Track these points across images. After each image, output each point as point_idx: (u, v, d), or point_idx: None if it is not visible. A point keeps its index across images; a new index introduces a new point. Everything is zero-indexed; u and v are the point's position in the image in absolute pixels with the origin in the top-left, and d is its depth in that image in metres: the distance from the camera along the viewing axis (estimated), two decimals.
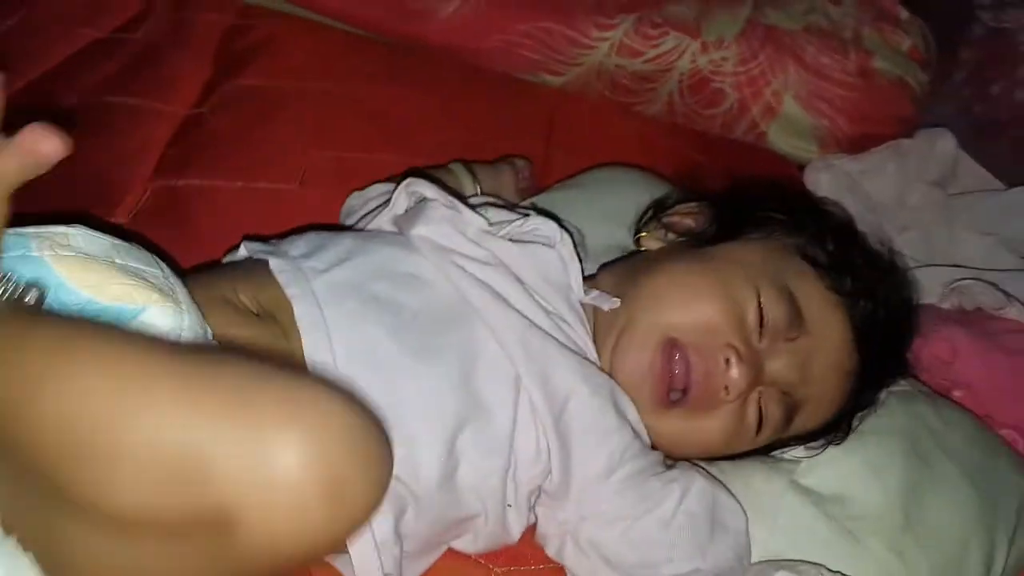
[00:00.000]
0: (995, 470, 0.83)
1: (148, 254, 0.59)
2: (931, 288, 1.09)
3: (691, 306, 0.72)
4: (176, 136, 1.04)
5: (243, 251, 0.74)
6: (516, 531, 0.69)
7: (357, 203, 0.90)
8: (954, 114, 1.57)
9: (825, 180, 1.30)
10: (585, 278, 0.75)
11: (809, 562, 0.71)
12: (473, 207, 0.77)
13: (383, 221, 0.78)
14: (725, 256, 0.76)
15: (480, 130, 1.20)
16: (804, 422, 0.75)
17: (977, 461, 0.84)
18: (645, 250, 0.84)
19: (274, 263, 0.68)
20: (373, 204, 0.86)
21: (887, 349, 0.79)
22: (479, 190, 0.95)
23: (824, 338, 0.73)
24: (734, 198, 0.84)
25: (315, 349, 0.62)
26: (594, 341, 0.73)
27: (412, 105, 1.19)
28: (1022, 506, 0.82)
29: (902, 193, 1.29)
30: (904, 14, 1.37)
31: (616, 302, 0.73)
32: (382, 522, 0.60)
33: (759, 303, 0.72)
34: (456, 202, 0.75)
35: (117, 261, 0.55)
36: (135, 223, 0.92)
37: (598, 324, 0.74)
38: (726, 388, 0.71)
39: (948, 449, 0.83)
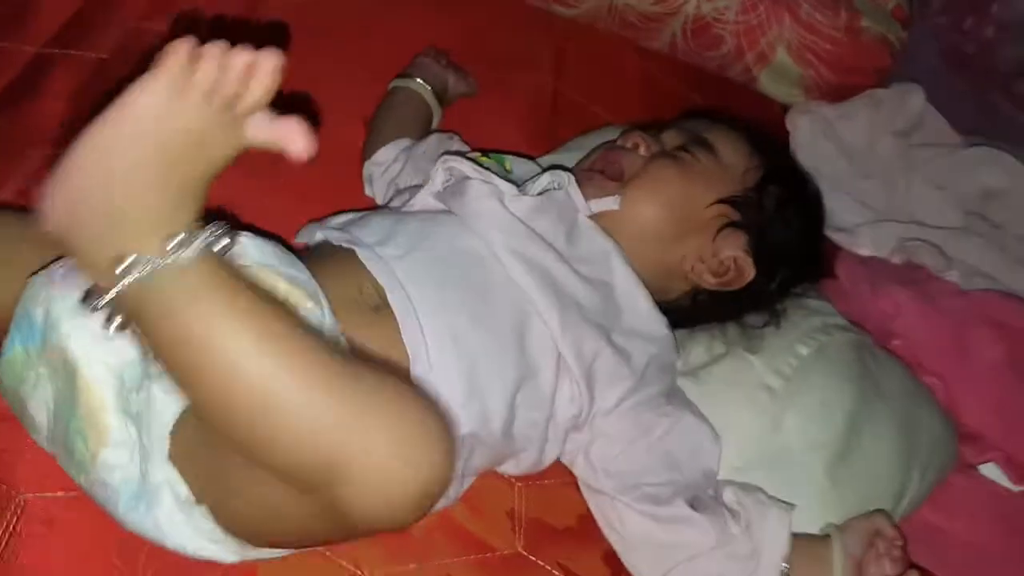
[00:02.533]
0: (918, 414, 1.02)
1: (296, 259, 0.71)
2: (884, 242, 1.26)
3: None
4: None
5: (320, 236, 0.85)
6: (550, 459, 0.86)
7: (374, 170, 1.03)
8: (925, 39, 1.70)
9: (804, 123, 1.44)
10: None
11: (754, 486, 0.89)
12: (505, 174, 0.90)
13: (426, 198, 0.90)
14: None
15: (494, 61, 1.30)
16: (729, 155, 0.93)
17: (905, 405, 1.02)
18: None
19: (360, 252, 0.79)
20: (394, 172, 1.00)
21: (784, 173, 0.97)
22: (429, 86, 1.11)
23: (716, 137, 0.94)
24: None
25: (408, 332, 0.75)
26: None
27: (429, 31, 1.27)
28: (934, 446, 1.01)
29: (871, 141, 1.43)
30: None
31: (617, 201, 0.89)
32: (459, 461, 0.76)
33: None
34: (491, 175, 0.87)
35: (281, 269, 0.68)
36: None
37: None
38: (635, 144, 0.93)
39: (884, 393, 1.01)
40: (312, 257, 0.80)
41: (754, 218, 0.92)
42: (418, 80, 1.10)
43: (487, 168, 0.90)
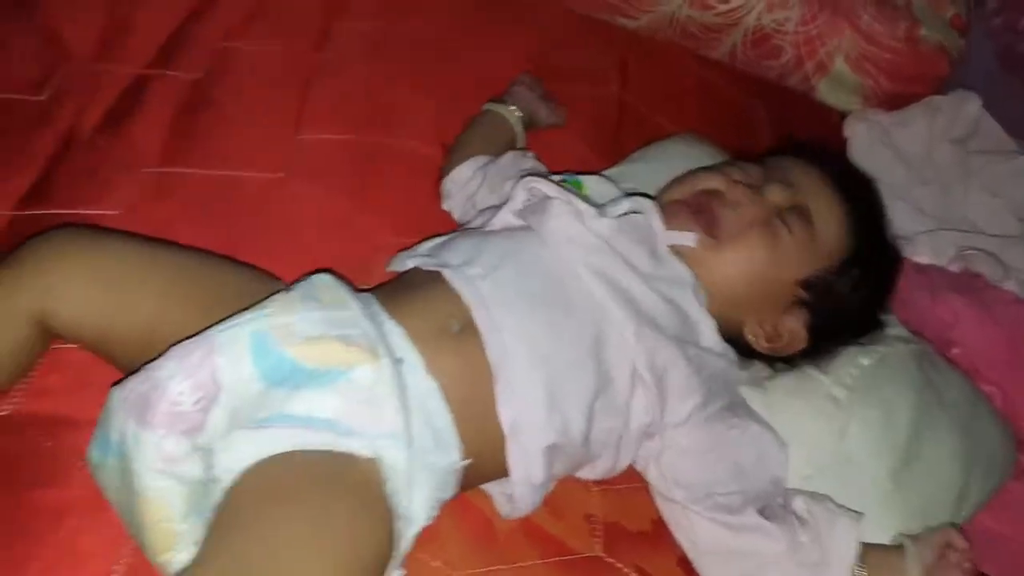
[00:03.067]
0: (979, 423, 1.05)
1: (360, 308, 0.76)
2: (943, 251, 1.29)
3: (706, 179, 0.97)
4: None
5: (410, 263, 0.90)
6: (624, 465, 0.90)
7: (453, 187, 1.08)
8: (981, 42, 1.72)
9: (862, 130, 1.47)
10: None
11: (823, 495, 0.93)
12: (584, 197, 0.94)
13: (507, 216, 0.94)
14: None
15: (560, 74, 1.35)
16: (824, 229, 0.95)
17: (966, 414, 1.05)
18: None
19: (447, 274, 0.84)
20: (472, 189, 1.05)
21: (873, 224, 1.00)
22: (519, 113, 1.16)
23: (809, 188, 0.96)
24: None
25: (493, 349, 0.80)
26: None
27: (500, 52, 1.32)
28: (993, 453, 1.05)
29: (929, 148, 1.46)
30: None
31: (695, 238, 0.92)
32: (540, 471, 0.81)
33: (753, 170, 0.97)
34: (572, 196, 0.92)
35: (333, 333, 0.73)
36: None
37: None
38: (737, 202, 0.93)
39: (944, 402, 1.04)
40: (392, 290, 0.86)
41: (825, 301, 0.95)
42: (510, 107, 1.15)
43: (568, 186, 0.94)
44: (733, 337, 0.95)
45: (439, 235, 0.97)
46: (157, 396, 0.67)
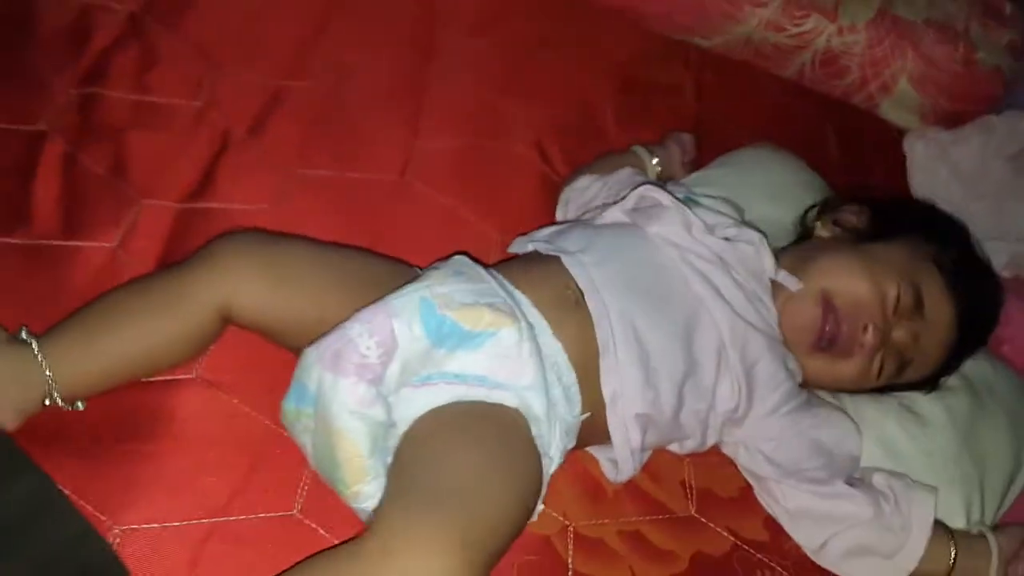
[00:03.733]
0: None
1: (494, 283, 0.89)
2: (995, 259, 1.38)
3: (850, 284, 1.02)
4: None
5: (530, 247, 1.02)
6: (709, 444, 1.02)
7: (572, 194, 1.19)
8: None
9: (920, 147, 1.58)
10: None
11: (899, 472, 1.04)
12: (692, 210, 1.05)
13: (617, 213, 1.05)
14: (879, 254, 1.04)
15: (640, 89, 1.47)
16: (910, 375, 1.06)
17: (1015, 405, 1.16)
18: (816, 237, 1.12)
19: (565, 260, 0.96)
20: (590, 196, 1.15)
21: (978, 335, 1.10)
22: (659, 167, 1.23)
23: (936, 323, 1.03)
24: (890, 208, 1.12)
25: (601, 330, 0.91)
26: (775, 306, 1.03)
27: (589, 63, 1.44)
28: None
29: (985, 164, 1.56)
30: (1009, 9, 1.60)
31: (800, 284, 1.02)
32: (636, 436, 0.93)
33: (898, 292, 1.01)
34: (685, 209, 1.02)
35: (482, 301, 0.85)
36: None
37: (779, 297, 1.03)
38: (861, 345, 1.02)
39: (996, 394, 1.15)
40: (516, 267, 0.98)
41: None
42: (655, 160, 1.23)
43: (682, 201, 1.05)
44: None
45: (555, 223, 1.08)
46: (349, 350, 0.80)
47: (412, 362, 0.82)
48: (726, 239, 1.03)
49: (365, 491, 0.81)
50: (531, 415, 0.85)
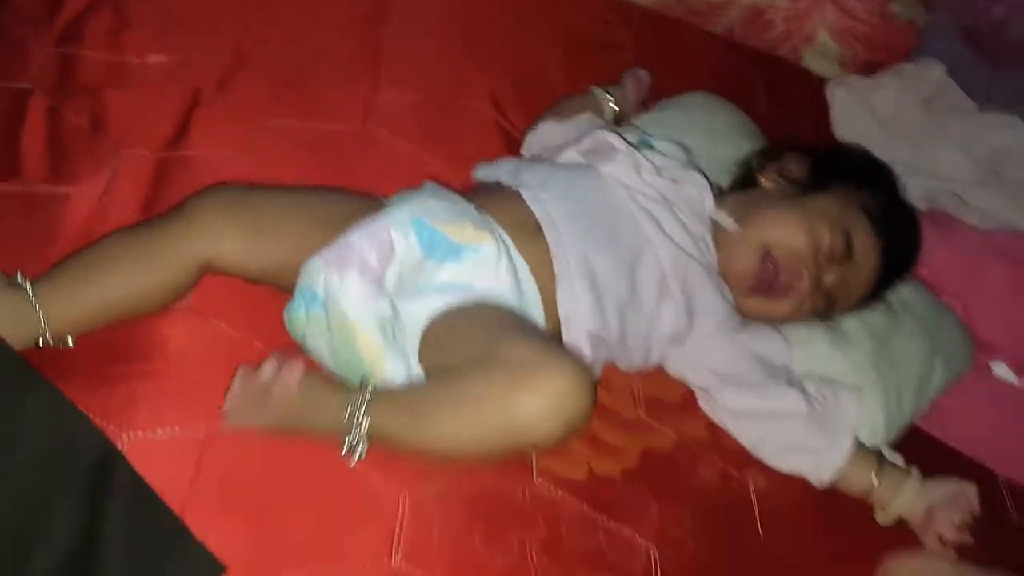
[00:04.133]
0: (941, 323, 1.29)
1: (469, 205, 0.98)
2: (912, 192, 1.51)
3: (790, 238, 1.12)
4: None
5: (494, 176, 1.12)
6: (652, 363, 1.13)
7: (535, 139, 1.28)
8: (945, 19, 1.93)
9: (841, 93, 1.70)
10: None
11: (827, 378, 1.15)
12: (642, 154, 1.15)
13: (572, 154, 1.15)
14: (817, 206, 1.14)
15: (583, 46, 1.57)
16: (837, 310, 1.17)
17: (928, 315, 1.29)
18: (761, 188, 1.22)
19: (525, 194, 1.05)
20: (550, 139, 1.25)
21: (899, 273, 1.21)
22: (615, 107, 1.33)
23: (863, 266, 1.14)
24: (827, 157, 1.23)
25: (558, 260, 1.01)
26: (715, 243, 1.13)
27: (536, 25, 1.54)
28: (955, 347, 1.28)
29: (901, 108, 1.69)
30: None
31: (735, 225, 1.13)
32: (588, 352, 1.02)
33: (831, 241, 1.11)
34: (634, 151, 1.13)
35: (465, 218, 0.95)
36: None
37: (719, 236, 1.14)
38: (795, 289, 1.12)
39: (912, 309, 1.28)
40: (484, 191, 1.09)
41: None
42: (611, 99, 1.34)
43: (633, 146, 1.15)
44: None
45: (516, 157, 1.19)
46: (351, 253, 0.90)
47: (407, 270, 0.92)
48: (673, 180, 1.13)
49: (386, 372, 0.90)
50: None
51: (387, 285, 0.91)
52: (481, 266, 0.95)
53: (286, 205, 1.01)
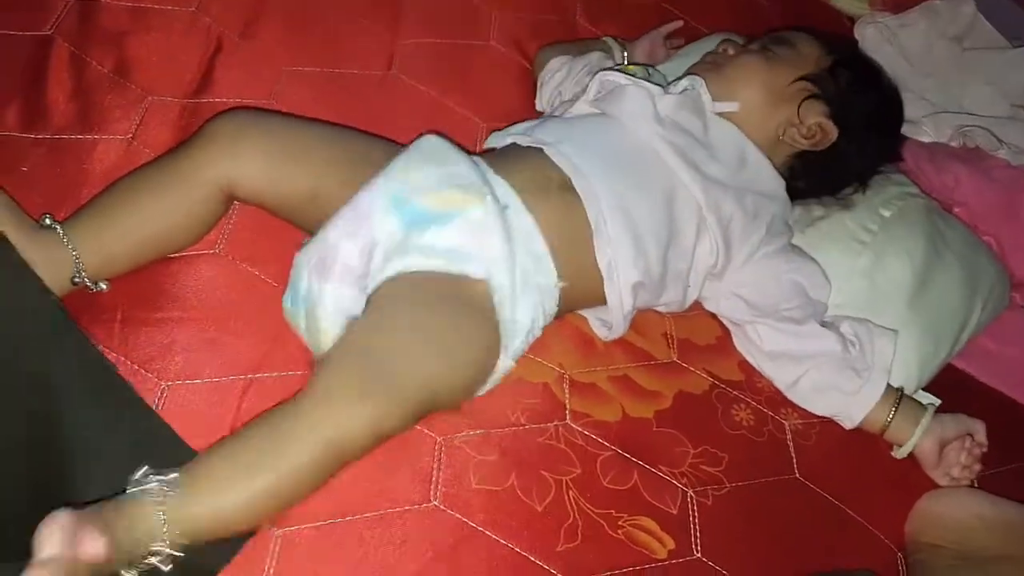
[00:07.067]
0: (978, 263, 1.26)
1: (468, 164, 0.96)
2: (943, 130, 1.49)
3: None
4: None
5: (508, 140, 1.09)
6: (690, 301, 1.12)
7: (546, 76, 1.28)
8: None
9: (870, 32, 1.67)
10: None
11: (863, 319, 1.14)
12: (650, 79, 1.14)
13: (583, 106, 1.13)
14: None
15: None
16: (804, 48, 1.14)
17: (968, 254, 1.26)
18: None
19: (547, 150, 1.03)
20: (560, 79, 1.25)
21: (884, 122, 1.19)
22: (626, 60, 1.31)
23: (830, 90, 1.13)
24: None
25: (592, 210, 1.00)
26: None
27: None
28: (991, 287, 1.26)
29: (930, 45, 1.66)
30: None
31: (736, 105, 1.11)
32: (629, 300, 1.02)
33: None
34: (641, 81, 1.11)
35: (448, 184, 0.93)
36: None
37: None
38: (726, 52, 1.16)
39: (951, 245, 1.25)
40: (496, 156, 1.06)
41: (830, 90, 1.13)
42: (623, 53, 1.33)
43: (636, 75, 1.14)
44: (785, 174, 1.15)
45: (527, 120, 1.16)
46: (332, 258, 0.89)
47: (393, 247, 0.91)
48: (679, 93, 1.11)
49: None
50: (495, 284, 0.93)
51: (374, 272, 0.91)
52: (468, 229, 0.93)
53: (308, 134, 1.01)
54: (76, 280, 0.90)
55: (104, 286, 0.92)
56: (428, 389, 0.86)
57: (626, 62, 1.31)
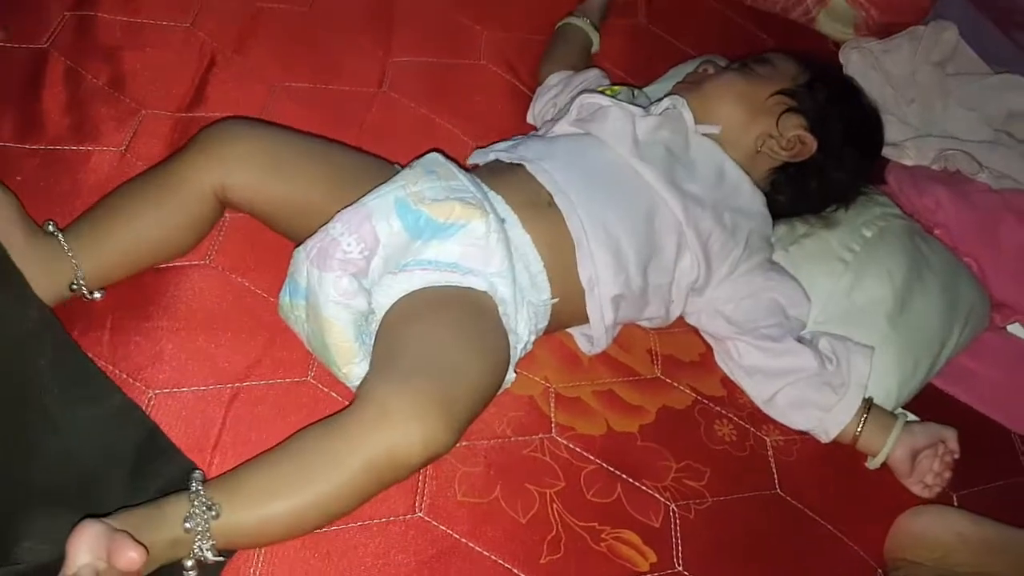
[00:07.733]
0: (958, 283, 1.28)
1: (470, 179, 0.98)
2: (926, 153, 1.52)
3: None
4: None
5: (492, 156, 1.11)
6: (675, 315, 1.14)
7: (541, 90, 1.31)
8: None
9: (855, 56, 1.69)
10: None
11: (841, 336, 1.15)
12: (631, 100, 1.16)
13: (565, 126, 1.15)
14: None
15: None
16: (781, 65, 1.18)
17: (948, 275, 1.28)
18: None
19: (529, 167, 1.05)
20: (555, 92, 1.28)
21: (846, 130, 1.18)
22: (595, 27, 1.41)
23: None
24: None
25: (573, 225, 1.01)
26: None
27: None
28: (971, 308, 1.28)
29: (912, 70, 1.68)
30: None
31: (717, 127, 1.14)
32: (610, 314, 1.04)
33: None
34: (622, 103, 1.13)
35: (453, 196, 0.94)
36: None
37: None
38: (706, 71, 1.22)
39: (931, 266, 1.27)
40: (486, 172, 1.08)
41: (808, 103, 1.16)
42: (580, 18, 1.41)
43: (618, 97, 1.16)
44: (766, 189, 1.17)
45: (508, 139, 1.18)
46: (332, 248, 0.89)
47: (394, 254, 0.92)
48: (661, 114, 1.13)
49: (355, 372, 0.92)
50: (499, 297, 0.95)
51: (373, 274, 0.91)
52: (470, 243, 0.94)
53: (300, 146, 1.02)
54: (74, 287, 0.91)
55: (98, 295, 0.93)
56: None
57: (596, 29, 1.41)
